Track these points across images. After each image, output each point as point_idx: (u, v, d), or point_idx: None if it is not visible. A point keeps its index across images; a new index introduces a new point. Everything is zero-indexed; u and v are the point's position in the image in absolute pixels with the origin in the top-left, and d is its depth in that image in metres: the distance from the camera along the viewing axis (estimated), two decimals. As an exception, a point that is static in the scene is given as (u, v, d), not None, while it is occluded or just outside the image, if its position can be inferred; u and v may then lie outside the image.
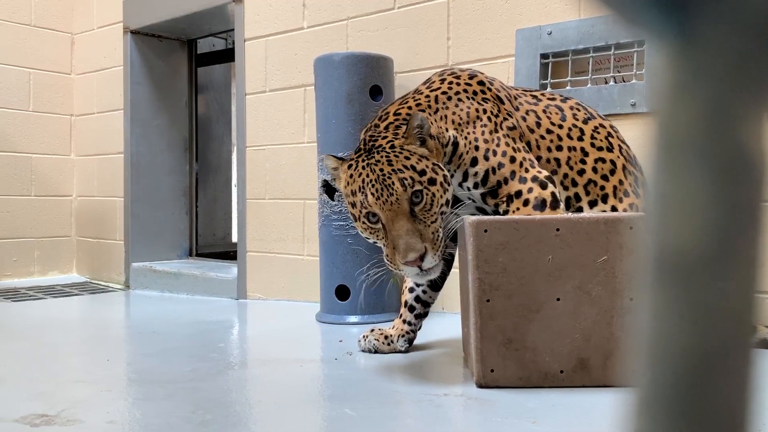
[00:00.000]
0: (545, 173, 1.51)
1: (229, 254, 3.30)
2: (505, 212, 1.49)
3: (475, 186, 1.51)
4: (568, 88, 1.94)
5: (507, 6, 2.06)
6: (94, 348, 1.85)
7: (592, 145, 1.59)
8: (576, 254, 1.31)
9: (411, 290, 1.69)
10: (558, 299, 1.32)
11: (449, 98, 1.54)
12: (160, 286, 2.99)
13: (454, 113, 1.53)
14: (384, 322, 2.05)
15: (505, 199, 1.49)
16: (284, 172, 2.61)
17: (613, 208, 1.58)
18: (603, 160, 1.59)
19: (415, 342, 1.72)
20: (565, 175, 1.57)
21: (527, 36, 2.00)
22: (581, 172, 1.58)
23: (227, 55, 3.36)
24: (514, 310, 1.33)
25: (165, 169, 3.27)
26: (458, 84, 1.56)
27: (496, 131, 1.52)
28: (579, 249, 1.31)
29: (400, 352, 1.69)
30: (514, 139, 1.53)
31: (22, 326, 2.14)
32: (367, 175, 1.39)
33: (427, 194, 1.38)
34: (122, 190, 3.21)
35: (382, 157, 1.40)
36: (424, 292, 1.69)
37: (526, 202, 1.47)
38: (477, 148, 1.50)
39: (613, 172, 1.59)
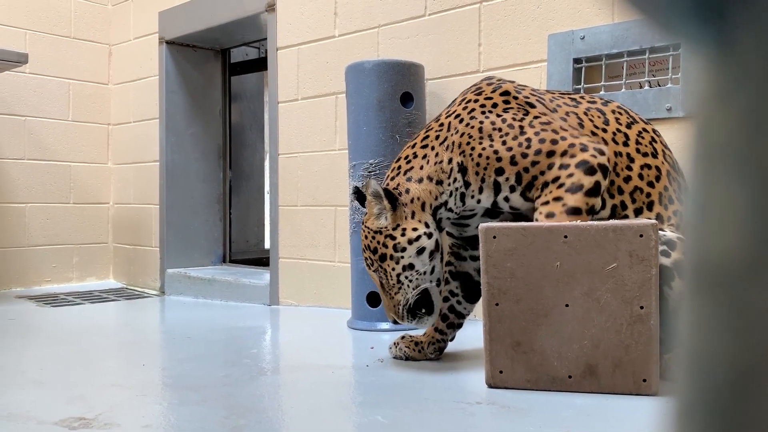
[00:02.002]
0: (601, 160, 1.44)
1: (262, 260, 3.33)
2: (537, 199, 1.46)
3: (512, 189, 1.48)
4: (601, 92, 1.91)
5: (539, 11, 2.05)
6: (130, 353, 1.88)
7: (638, 150, 1.55)
8: (584, 261, 1.32)
9: (445, 299, 1.68)
10: (566, 305, 1.33)
11: (461, 120, 1.54)
12: (194, 292, 3.03)
13: (462, 134, 1.52)
14: (415, 330, 2.05)
15: (540, 186, 1.46)
16: (316, 179, 2.63)
17: (659, 216, 1.55)
18: (648, 167, 1.55)
19: (447, 350, 1.71)
20: (612, 182, 1.54)
21: (559, 41, 1.99)
22: (627, 179, 1.53)
23: (260, 64, 3.40)
24: (523, 314, 1.36)
25: (199, 177, 3.32)
26: (476, 101, 1.56)
27: (523, 133, 1.49)
28: (587, 256, 1.32)
29: (430, 359, 1.68)
30: (555, 131, 1.48)
31: (60, 331, 2.19)
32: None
33: (380, 271, 1.52)
34: (158, 197, 3.27)
35: (362, 236, 1.57)
36: (458, 302, 1.68)
37: (560, 186, 1.43)
38: (500, 159, 1.48)
39: (658, 178, 1.55)
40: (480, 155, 1.50)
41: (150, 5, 3.31)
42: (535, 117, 1.51)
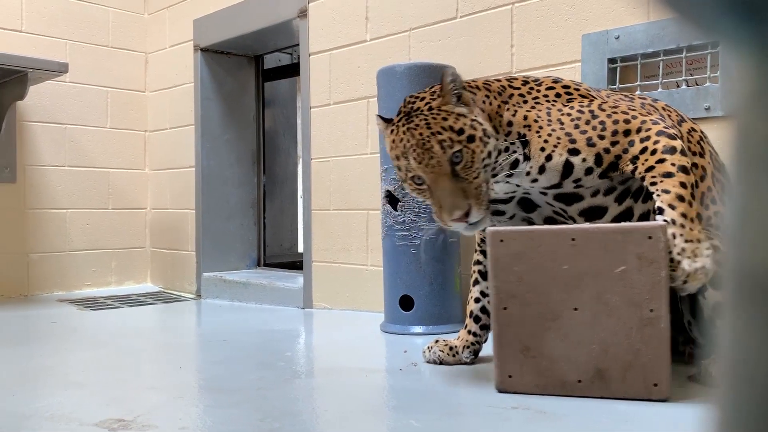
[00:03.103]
0: (674, 130, 1.44)
1: (296, 264, 3.35)
2: (633, 172, 1.43)
3: (589, 171, 1.44)
4: (637, 93, 1.88)
5: (572, 11, 2.03)
6: (167, 355, 1.91)
7: (688, 149, 1.54)
8: (592, 264, 1.30)
9: (477, 300, 1.67)
10: (575, 309, 1.32)
11: (525, 101, 1.52)
12: (229, 295, 3.06)
13: (530, 110, 1.49)
14: (448, 333, 2.04)
15: (629, 161, 1.44)
16: (348, 183, 2.64)
17: (698, 215, 1.52)
18: (696, 166, 1.53)
19: (482, 353, 1.70)
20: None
21: (594, 41, 1.96)
22: None
23: (292, 70, 3.43)
24: (531, 318, 1.35)
25: (234, 182, 3.36)
26: (538, 90, 1.53)
27: (595, 117, 1.47)
28: (595, 259, 1.30)
29: (465, 363, 1.67)
30: (624, 112, 1.47)
31: (100, 334, 2.24)
32: (408, 140, 1.42)
33: (467, 152, 1.39)
34: (194, 202, 3.32)
35: (420, 120, 1.42)
36: (489, 302, 1.67)
37: (654, 152, 1.41)
38: (573, 141, 1.45)
39: (703, 178, 1.53)
40: (550, 134, 1.46)
41: (185, 13, 3.37)
42: (603, 102, 1.50)
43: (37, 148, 3.26)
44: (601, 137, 1.45)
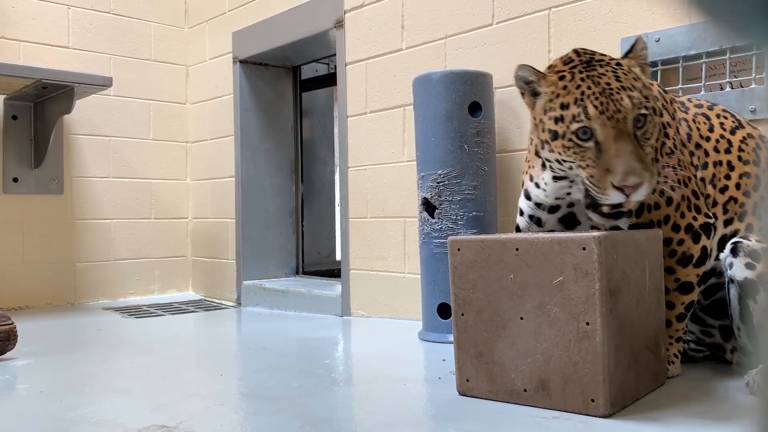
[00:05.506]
0: (702, 220, 1.43)
1: (334, 272, 3.37)
2: None
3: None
4: (693, 96, 1.84)
5: (610, 15, 2.00)
6: (209, 363, 1.94)
7: (739, 158, 1.50)
8: (535, 274, 1.31)
9: None
10: (521, 318, 1.33)
11: None
12: (269, 303, 3.10)
13: None
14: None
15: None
16: (385, 191, 2.65)
17: (750, 226, 1.49)
18: (748, 175, 1.50)
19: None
20: (707, 195, 1.49)
21: (633, 44, 1.93)
22: (723, 190, 1.50)
23: (329, 80, 3.47)
24: (484, 325, 1.38)
25: (273, 191, 3.40)
26: None
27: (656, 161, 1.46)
28: (537, 269, 1.31)
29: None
30: (674, 168, 1.43)
31: (144, 341, 2.28)
32: (589, 87, 1.28)
33: (650, 121, 1.28)
34: (234, 211, 3.37)
35: (607, 71, 1.29)
36: None
37: (672, 253, 1.44)
38: None
39: (756, 187, 1.50)
40: None
41: (224, 26, 3.44)
42: (662, 143, 1.44)
43: (82, 160, 3.36)
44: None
